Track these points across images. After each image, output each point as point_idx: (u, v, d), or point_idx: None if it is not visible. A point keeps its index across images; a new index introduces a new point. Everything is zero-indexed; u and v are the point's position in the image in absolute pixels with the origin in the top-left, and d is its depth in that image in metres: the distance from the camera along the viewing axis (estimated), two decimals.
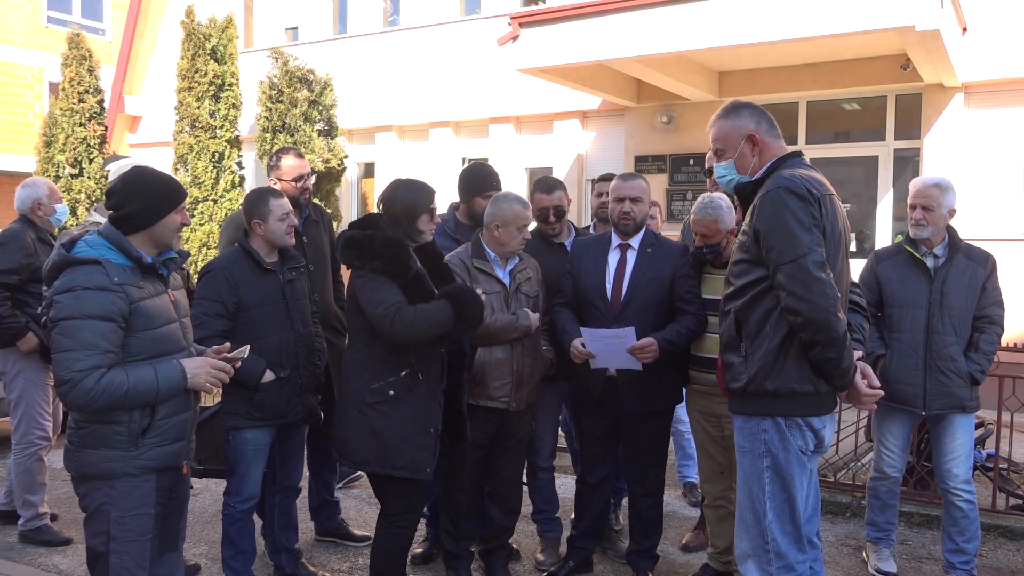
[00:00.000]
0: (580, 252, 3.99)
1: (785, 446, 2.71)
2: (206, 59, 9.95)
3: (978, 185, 8.70)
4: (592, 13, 7.95)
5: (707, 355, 3.71)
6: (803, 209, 2.61)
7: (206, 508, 5.08)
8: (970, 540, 3.88)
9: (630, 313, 3.75)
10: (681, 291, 3.77)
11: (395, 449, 3.26)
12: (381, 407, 3.26)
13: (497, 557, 4.02)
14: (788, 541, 2.73)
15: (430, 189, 3.45)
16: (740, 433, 2.83)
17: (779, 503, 2.73)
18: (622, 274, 3.84)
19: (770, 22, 7.27)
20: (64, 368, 2.52)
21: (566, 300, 3.96)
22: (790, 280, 2.58)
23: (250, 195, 3.81)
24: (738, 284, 2.78)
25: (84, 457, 2.67)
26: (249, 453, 3.70)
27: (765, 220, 2.64)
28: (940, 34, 6.87)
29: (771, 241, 2.62)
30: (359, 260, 3.25)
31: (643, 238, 3.89)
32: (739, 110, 2.86)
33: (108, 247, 2.66)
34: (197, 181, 9.84)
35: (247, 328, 3.60)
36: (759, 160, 2.82)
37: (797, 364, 2.67)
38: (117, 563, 2.68)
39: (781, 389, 2.68)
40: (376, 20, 12.54)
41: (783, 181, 2.66)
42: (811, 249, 2.58)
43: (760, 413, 2.74)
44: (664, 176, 10.17)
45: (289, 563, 4.01)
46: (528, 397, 3.85)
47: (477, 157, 11.23)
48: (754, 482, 2.76)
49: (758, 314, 2.71)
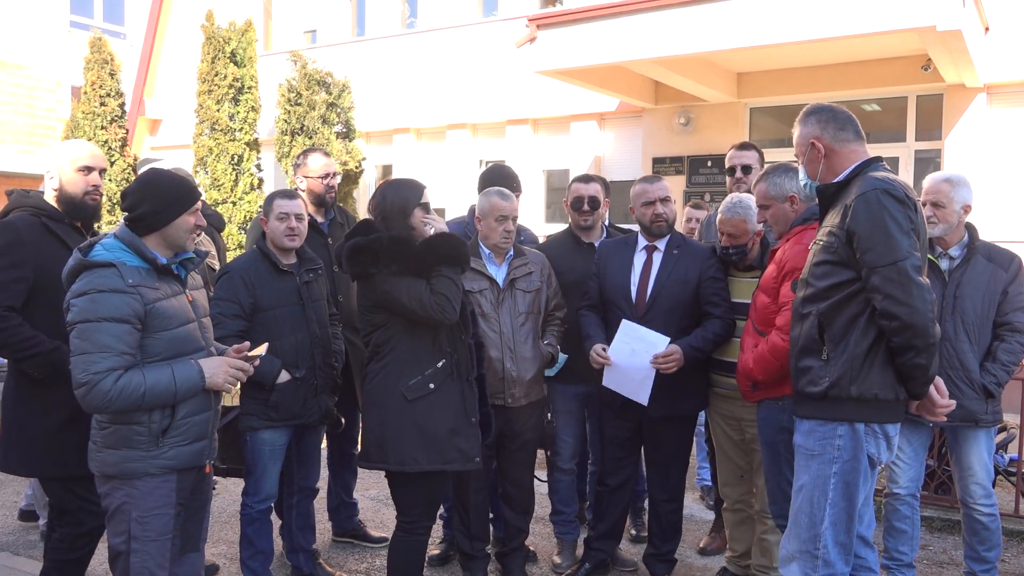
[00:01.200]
0: (606, 254, 3.97)
1: (856, 454, 2.69)
2: (225, 62, 10.04)
3: (1001, 186, 8.61)
4: (610, 14, 7.94)
5: (729, 359, 3.67)
6: (901, 212, 2.60)
7: (225, 508, 5.11)
8: (991, 548, 3.75)
9: (654, 315, 3.72)
10: (708, 293, 3.73)
11: (444, 442, 3.24)
12: (423, 402, 3.23)
13: (514, 559, 4.02)
14: (839, 551, 2.71)
15: (419, 184, 3.42)
16: (809, 437, 2.77)
17: (838, 511, 2.70)
18: (647, 276, 3.81)
19: (789, 23, 7.22)
20: (81, 370, 2.55)
21: (592, 303, 3.94)
22: (888, 283, 2.55)
23: (268, 196, 3.87)
24: (820, 286, 2.73)
25: (105, 457, 2.70)
26: (266, 453, 3.73)
27: (862, 222, 2.61)
28: (962, 34, 6.79)
29: (868, 243, 2.59)
30: (374, 266, 3.17)
31: (670, 240, 3.86)
32: (808, 116, 2.89)
33: (123, 249, 2.68)
34: (216, 184, 9.92)
35: (263, 328, 3.63)
36: (827, 164, 2.83)
37: (883, 370, 2.64)
38: (137, 562, 2.70)
39: (865, 395, 2.65)
40: (394, 23, 12.58)
41: (879, 183, 2.64)
42: (910, 253, 2.57)
43: (838, 418, 2.69)
44: (682, 178, 10.12)
45: (306, 563, 4.03)
46: (527, 395, 3.83)
47: (494, 159, 11.24)
48: (817, 487, 2.72)
49: (844, 318, 2.67)
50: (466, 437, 3.30)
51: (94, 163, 3.30)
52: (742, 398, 3.66)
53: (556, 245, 4.32)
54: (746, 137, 10.01)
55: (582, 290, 4.02)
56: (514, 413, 3.81)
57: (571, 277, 4.08)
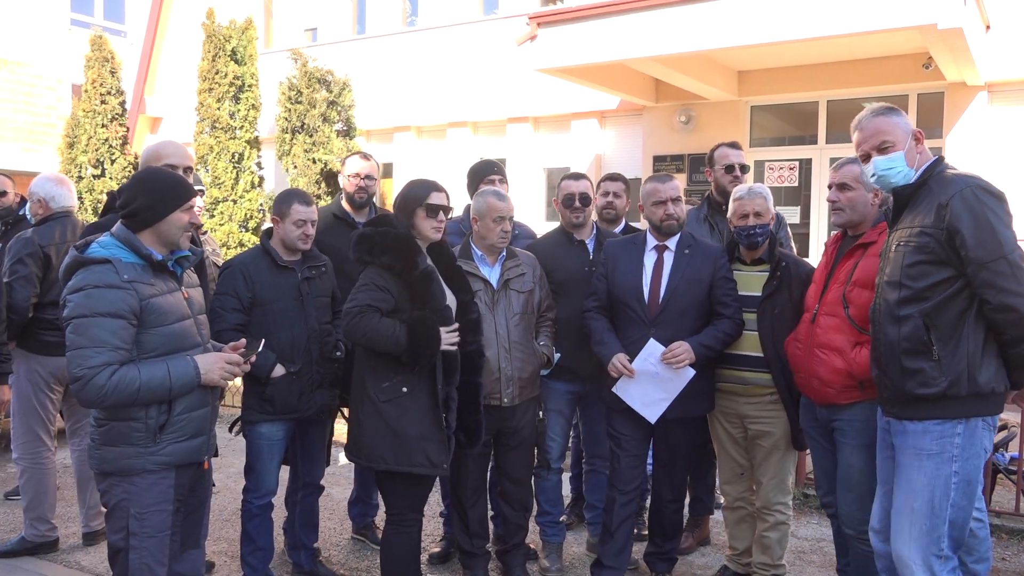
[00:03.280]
0: (614, 253, 3.90)
1: (974, 450, 2.71)
2: (226, 60, 10.04)
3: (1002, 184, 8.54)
4: (611, 13, 7.94)
5: (736, 352, 3.65)
6: (1000, 207, 2.66)
7: (225, 506, 5.11)
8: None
9: (668, 316, 3.67)
10: (720, 293, 3.70)
11: (413, 445, 3.27)
12: (395, 404, 3.28)
13: (515, 556, 4.01)
14: (952, 546, 2.74)
15: (427, 185, 3.44)
16: (923, 437, 2.73)
17: (958, 510, 2.72)
18: (659, 276, 3.75)
19: (790, 21, 7.22)
20: (76, 365, 2.56)
21: (600, 304, 3.86)
22: (1000, 277, 2.59)
23: (281, 193, 3.89)
24: (918, 287, 2.70)
25: (104, 454, 2.70)
26: (263, 447, 3.75)
27: (965, 220, 2.62)
28: (963, 32, 6.79)
29: (975, 240, 2.61)
30: (368, 255, 3.29)
31: (680, 239, 3.81)
32: (891, 110, 2.89)
33: (119, 246, 2.70)
34: (217, 182, 9.92)
35: (261, 323, 3.67)
36: (920, 159, 2.84)
37: (996, 363, 2.69)
38: (136, 559, 2.70)
39: (983, 390, 2.67)
40: (395, 21, 12.58)
41: (972, 180, 2.68)
42: (1015, 246, 2.62)
43: (959, 416, 2.69)
44: (683, 176, 10.12)
45: (307, 561, 4.03)
46: (522, 393, 3.82)
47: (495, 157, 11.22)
48: (938, 487, 2.71)
49: (951, 315, 2.67)
50: (435, 444, 3.31)
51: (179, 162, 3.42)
52: (746, 394, 3.66)
53: (548, 243, 4.30)
54: (747, 135, 10.01)
55: (572, 287, 3.99)
56: (510, 411, 3.81)
57: (562, 275, 4.08)
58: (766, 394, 3.64)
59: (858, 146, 2.92)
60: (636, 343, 3.66)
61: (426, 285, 3.29)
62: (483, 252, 3.82)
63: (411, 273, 3.27)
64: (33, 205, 4.48)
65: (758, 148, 10.09)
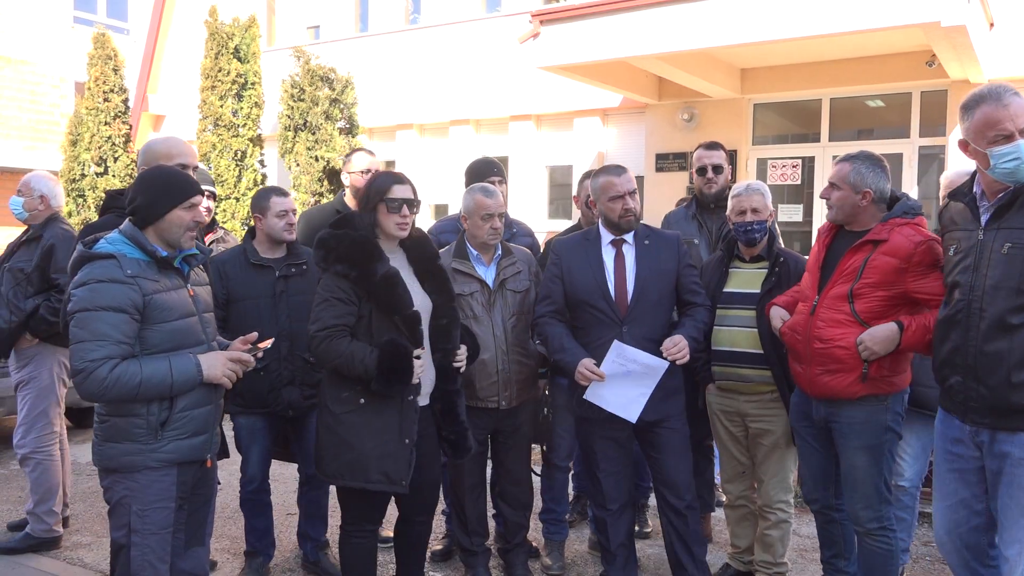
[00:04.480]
0: (566, 252, 3.64)
1: None
2: (229, 58, 10.03)
3: None
4: (613, 10, 7.93)
5: (736, 349, 3.62)
6: None
7: (228, 504, 5.12)
8: None
9: (641, 311, 3.49)
10: (688, 282, 3.59)
11: (369, 462, 3.10)
12: (353, 417, 3.11)
13: (516, 554, 4.01)
14: None
15: (389, 177, 3.23)
16: None
17: None
18: (623, 271, 3.55)
19: (794, 18, 7.21)
20: (78, 358, 2.58)
21: (556, 308, 3.61)
22: None
23: (256, 191, 4.02)
24: None
25: (106, 450, 2.72)
26: (244, 437, 3.96)
27: None
28: (966, 30, 6.77)
29: None
30: (324, 262, 3.11)
31: (635, 231, 3.62)
32: None
33: (125, 242, 2.72)
34: (220, 179, 9.91)
35: (237, 319, 3.78)
36: None
37: None
38: (138, 556, 2.71)
39: None
40: (397, 18, 12.57)
41: None
42: None
43: None
44: (685, 174, 10.11)
45: (311, 552, 4.13)
46: (519, 394, 3.78)
47: (497, 155, 11.22)
48: None
49: None
50: (395, 460, 3.11)
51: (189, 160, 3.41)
52: (746, 392, 3.65)
53: (572, 245, 3.93)
54: (750, 133, 10.00)
55: None
56: (507, 412, 3.78)
57: None
58: (766, 392, 3.62)
59: (996, 124, 2.59)
60: (606, 345, 3.44)
61: (389, 291, 3.08)
62: (478, 251, 3.76)
63: (369, 281, 3.07)
64: (33, 201, 4.48)
65: (761, 146, 10.08)
